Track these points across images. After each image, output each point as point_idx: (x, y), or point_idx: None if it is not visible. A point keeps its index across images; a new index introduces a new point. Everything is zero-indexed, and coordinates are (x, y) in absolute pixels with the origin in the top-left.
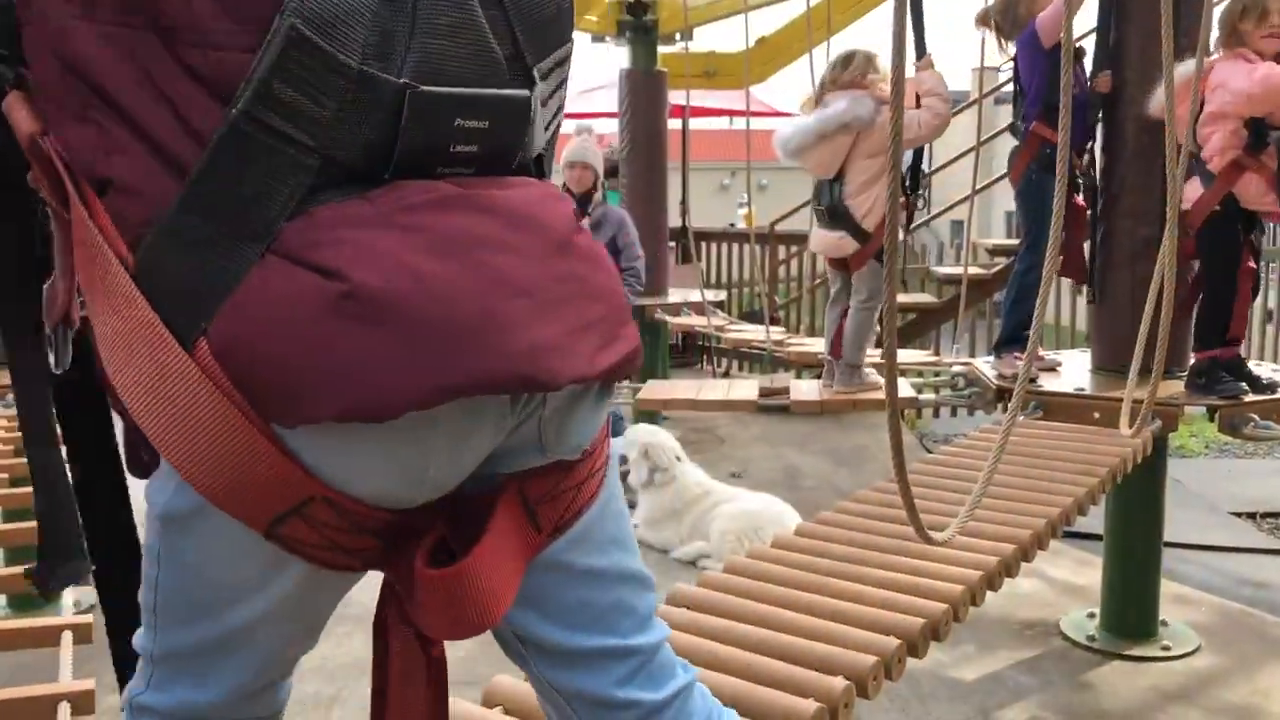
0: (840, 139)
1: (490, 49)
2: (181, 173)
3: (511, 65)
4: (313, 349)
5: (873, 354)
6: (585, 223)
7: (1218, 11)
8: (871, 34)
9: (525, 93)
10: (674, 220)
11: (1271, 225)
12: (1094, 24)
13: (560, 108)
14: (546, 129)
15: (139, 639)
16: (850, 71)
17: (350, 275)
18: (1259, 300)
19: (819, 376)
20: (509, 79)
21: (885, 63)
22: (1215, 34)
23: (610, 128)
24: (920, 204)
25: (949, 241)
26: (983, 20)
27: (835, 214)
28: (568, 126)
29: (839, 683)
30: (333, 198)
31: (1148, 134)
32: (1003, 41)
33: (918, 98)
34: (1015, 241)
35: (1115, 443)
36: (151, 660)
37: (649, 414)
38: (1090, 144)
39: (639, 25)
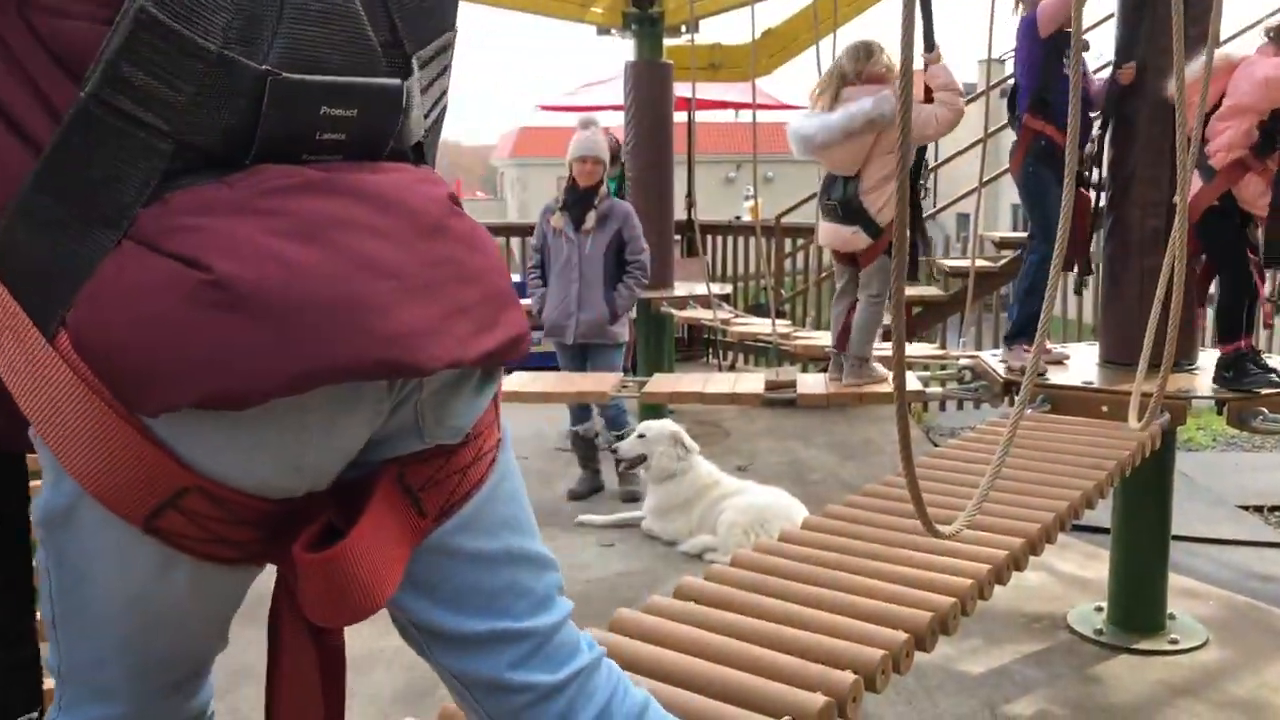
0: (865, 136)
1: (365, 36)
2: (39, 152)
3: (388, 53)
4: (173, 337)
5: (880, 347)
6: (592, 216)
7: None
8: (878, 26)
9: (398, 81)
10: (679, 213)
11: None
12: (1097, 17)
13: (443, 95)
14: (426, 116)
15: (49, 658)
16: (873, 64)
17: (211, 263)
18: (1268, 292)
19: (825, 370)
20: (384, 67)
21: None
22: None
23: (616, 120)
24: (924, 194)
25: (955, 234)
26: None
27: (850, 209)
28: (572, 120)
29: (847, 676)
30: (190, 183)
31: (1158, 125)
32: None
33: (927, 92)
34: (1022, 234)
35: (1123, 436)
36: (60, 679)
37: (655, 408)
38: (1093, 137)
39: (645, 17)
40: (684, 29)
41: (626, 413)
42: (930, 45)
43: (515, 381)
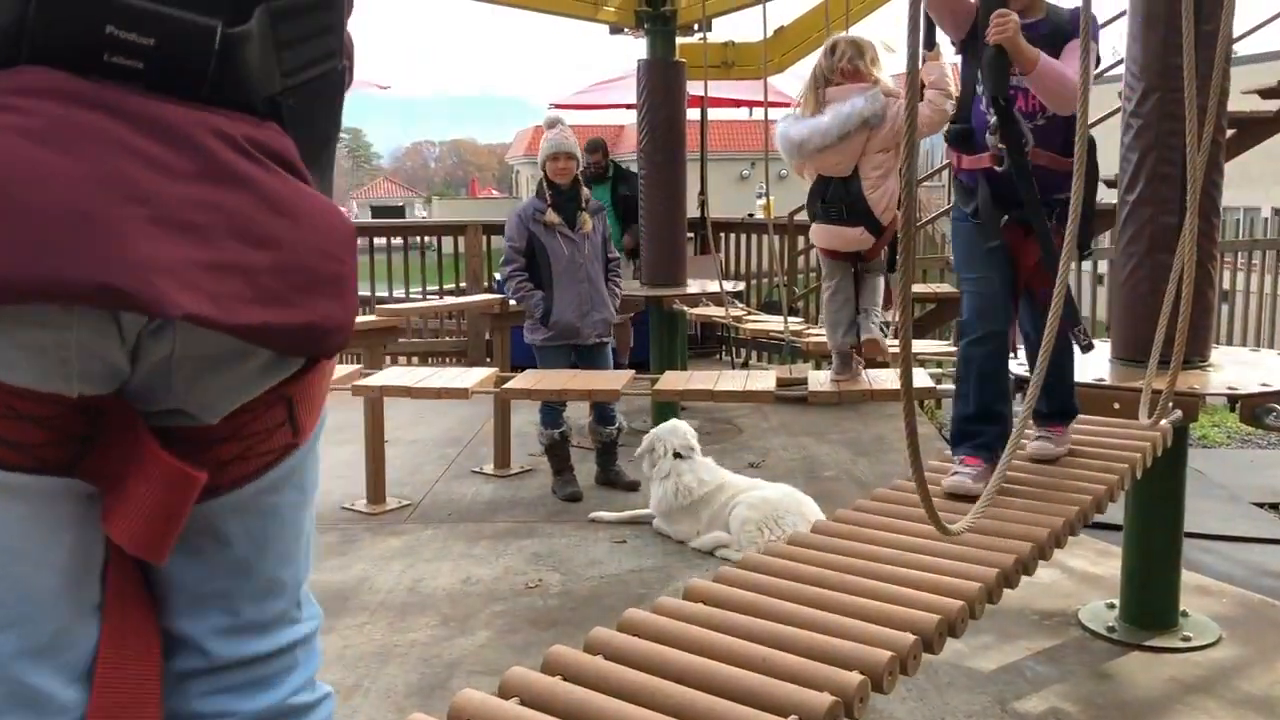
0: (858, 137)
1: None
2: None
3: None
4: None
5: (891, 344)
6: (585, 216)
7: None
8: (889, 24)
9: (215, 23)
10: (692, 211)
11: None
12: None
13: (328, 57)
14: (288, 75)
15: None
16: (841, 60)
17: None
18: (1269, 286)
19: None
20: (210, 6)
21: (880, 52)
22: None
23: (629, 119)
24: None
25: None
26: None
27: (855, 210)
28: (586, 118)
29: (854, 677)
30: None
31: (1169, 122)
32: None
33: (922, 89)
34: None
35: (1136, 435)
36: None
37: (668, 406)
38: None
39: (657, 16)
40: (696, 27)
41: (612, 408)
42: (930, 43)
43: (527, 380)
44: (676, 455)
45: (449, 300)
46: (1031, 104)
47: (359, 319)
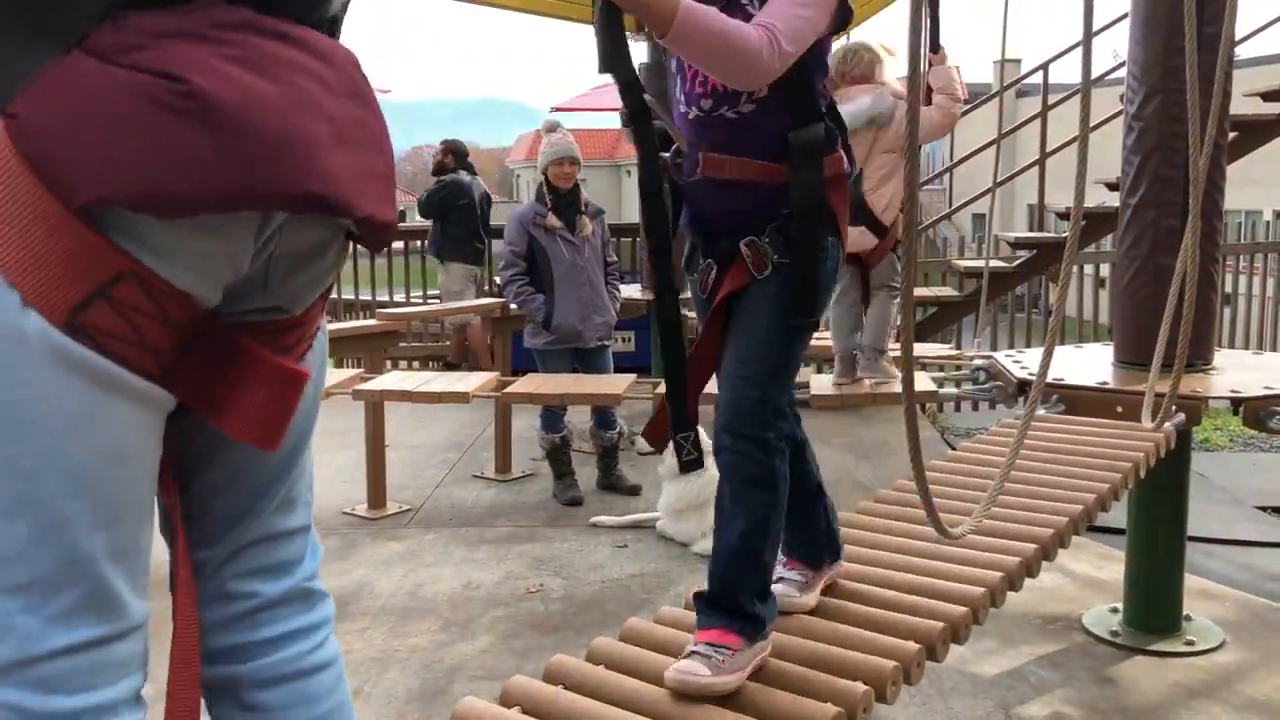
0: (864, 136)
1: None
2: None
3: None
4: (131, 137)
5: (892, 348)
6: (586, 219)
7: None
8: (888, 28)
9: None
10: None
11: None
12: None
13: None
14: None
15: None
16: (860, 66)
17: (185, 75)
18: (1271, 290)
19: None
20: None
21: (884, 55)
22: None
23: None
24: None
25: (970, 234)
26: None
27: (856, 210)
28: (586, 121)
29: (857, 687)
30: (144, 9)
31: (1172, 124)
32: None
33: (929, 92)
34: (1038, 235)
35: (1138, 437)
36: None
37: None
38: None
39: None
40: None
41: (613, 410)
42: (935, 46)
43: (528, 384)
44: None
45: (450, 305)
46: (712, 84)
47: (359, 324)
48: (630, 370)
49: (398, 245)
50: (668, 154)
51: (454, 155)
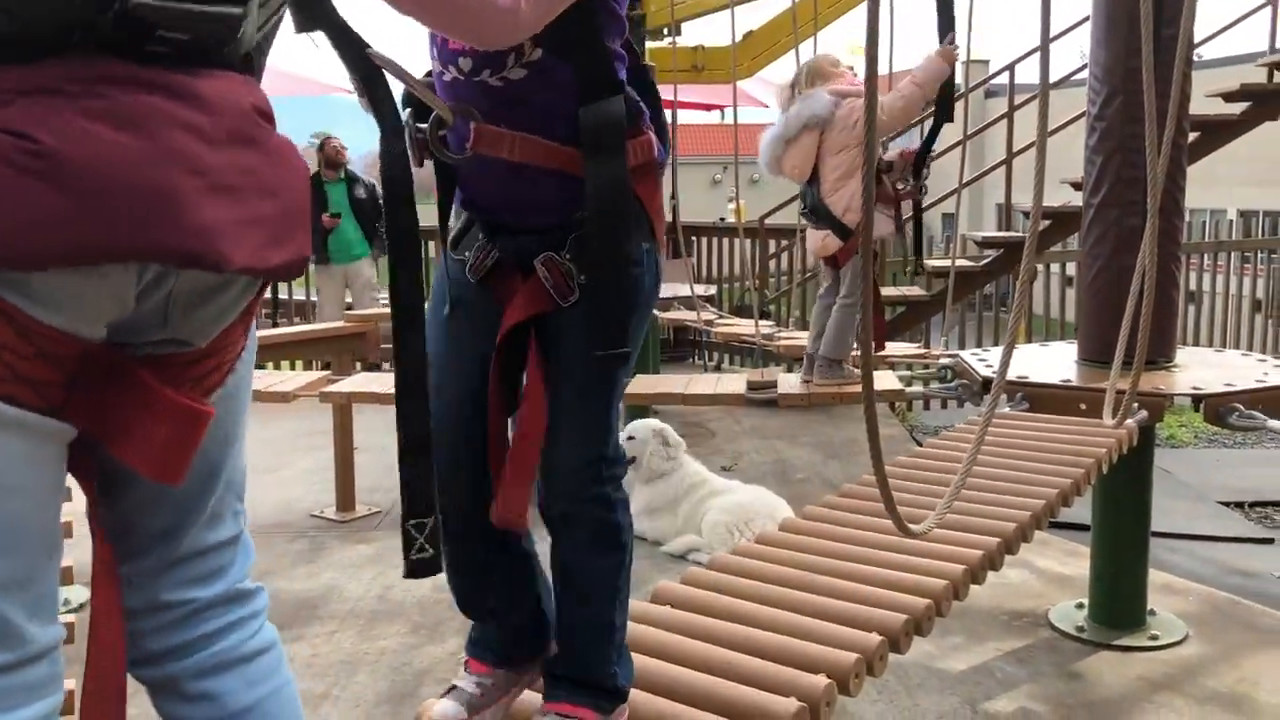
0: (805, 140)
1: None
2: None
3: None
4: None
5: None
6: None
7: None
8: (859, 27)
9: (239, 11)
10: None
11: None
12: None
13: (281, 5)
14: (260, 29)
15: None
16: (807, 74)
17: (34, 134)
18: (1248, 289)
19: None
20: None
21: (849, 58)
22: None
23: None
24: (921, 191)
25: (940, 234)
26: None
27: (818, 213)
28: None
29: (820, 680)
30: (7, 62)
31: (1134, 125)
32: None
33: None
34: (1005, 234)
35: (1100, 434)
36: None
37: (641, 409)
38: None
39: (628, 19)
40: (665, 32)
41: None
42: (944, 33)
43: None
44: (668, 444)
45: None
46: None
47: (327, 326)
48: None
49: None
50: (424, 125)
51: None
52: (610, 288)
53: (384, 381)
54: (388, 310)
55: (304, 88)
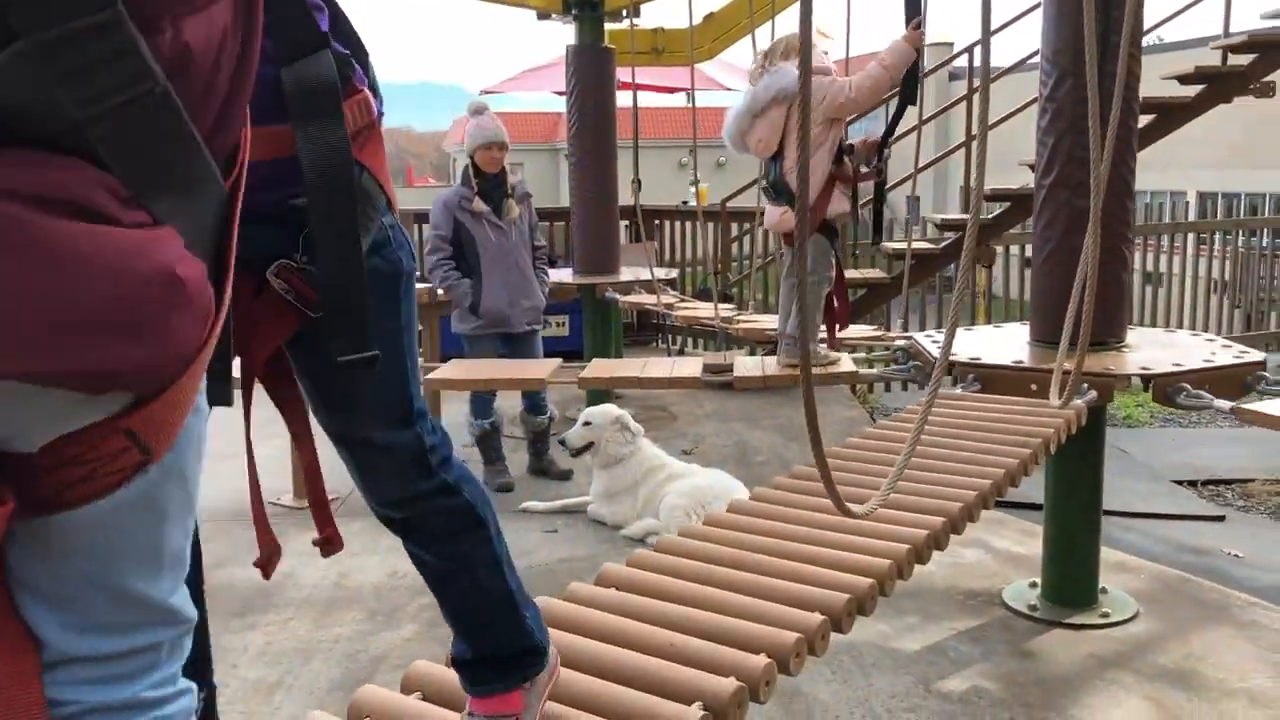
0: (773, 114)
1: None
2: None
3: None
4: None
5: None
6: (513, 203)
7: None
8: (819, 9)
9: None
10: (625, 198)
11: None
12: None
13: (132, 80)
14: (82, 106)
15: None
16: (781, 50)
17: None
18: (1203, 271)
19: (770, 352)
20: None
21: (819, 39)
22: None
23: (560, 106)
24: (880, 174)
25: (903, 216)
26: None
27: (778, 189)
28: (519, 104)
29: (760, 660)
30: None
31: (1084, 106)
32: None
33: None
34: (965, 216)
35: (1049, 414)
36: None
37: (602, 393)
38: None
39: (584, 2)
40: (625, 14)
41: (544, 395)
42: (912, 15)
43: (452, 370)
44: (626, 430)
45: None
46: None
47: None
48: (565, 355)
49: None
50: None
51: None
52: (348, 281)
53: None
54: None
55: None
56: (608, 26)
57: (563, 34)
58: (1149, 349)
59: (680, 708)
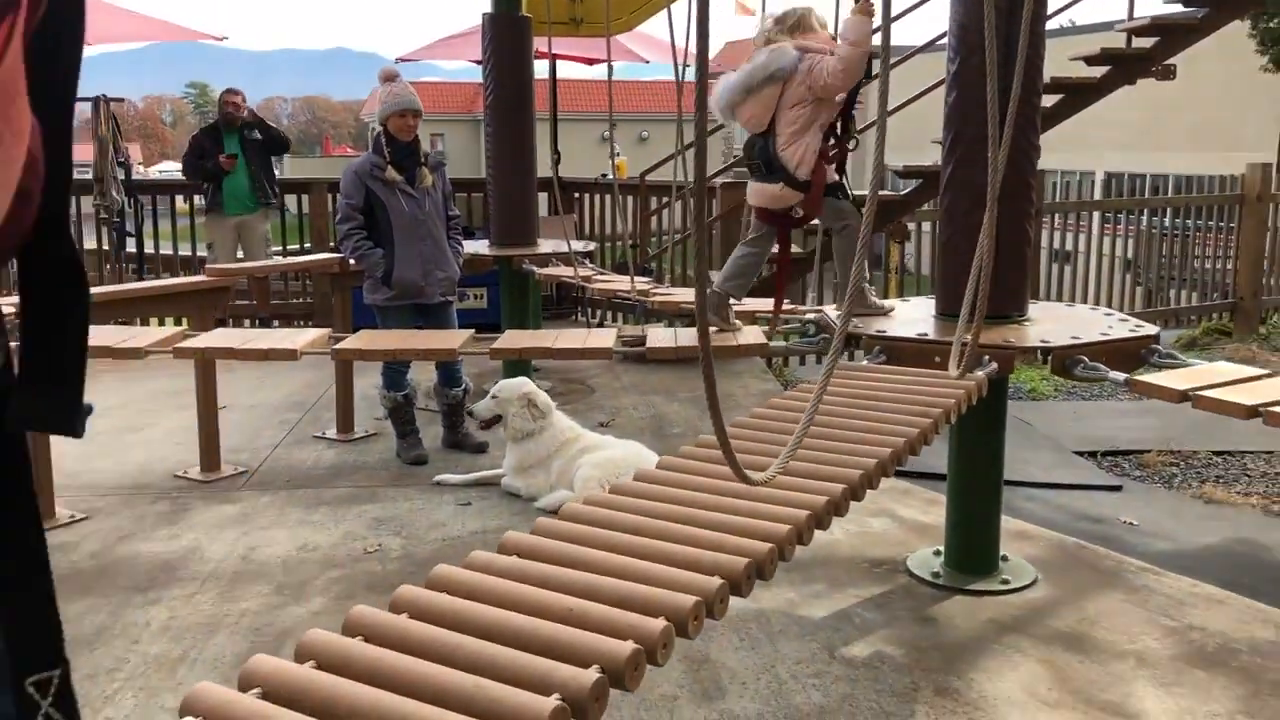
0: (767, 91)
1: None
2: None
3: None
4: None
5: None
6: (426, 172)
7: None
8: None
9: None
10: (544, 170)
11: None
12: None
13: None
14: None
15: None
16: (789, 23)
17: None
18: (1110, 250)
19: (691, 325)
20: None
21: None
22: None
23: (477, 76)
24: (853, 145)
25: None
26: None
27: (771, 167)
28: (436, 73)
29: (658, 624)
30: None
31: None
32: None
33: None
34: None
35: (951, 386)
36: None
37: (520, 364)
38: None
39: None
40: None
41: (458, 366)
42: None
43: (361, 340)
44: (534, 406)
45: (281, 260)
46: None
47: (187, 280)
48: (483, 328)
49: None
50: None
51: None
52: None
53: (243, 337)
54: (246, 265)
55: (170, 33)
56: None
57: (481, 2)
58: (1049, 323)
59: (577, 670)
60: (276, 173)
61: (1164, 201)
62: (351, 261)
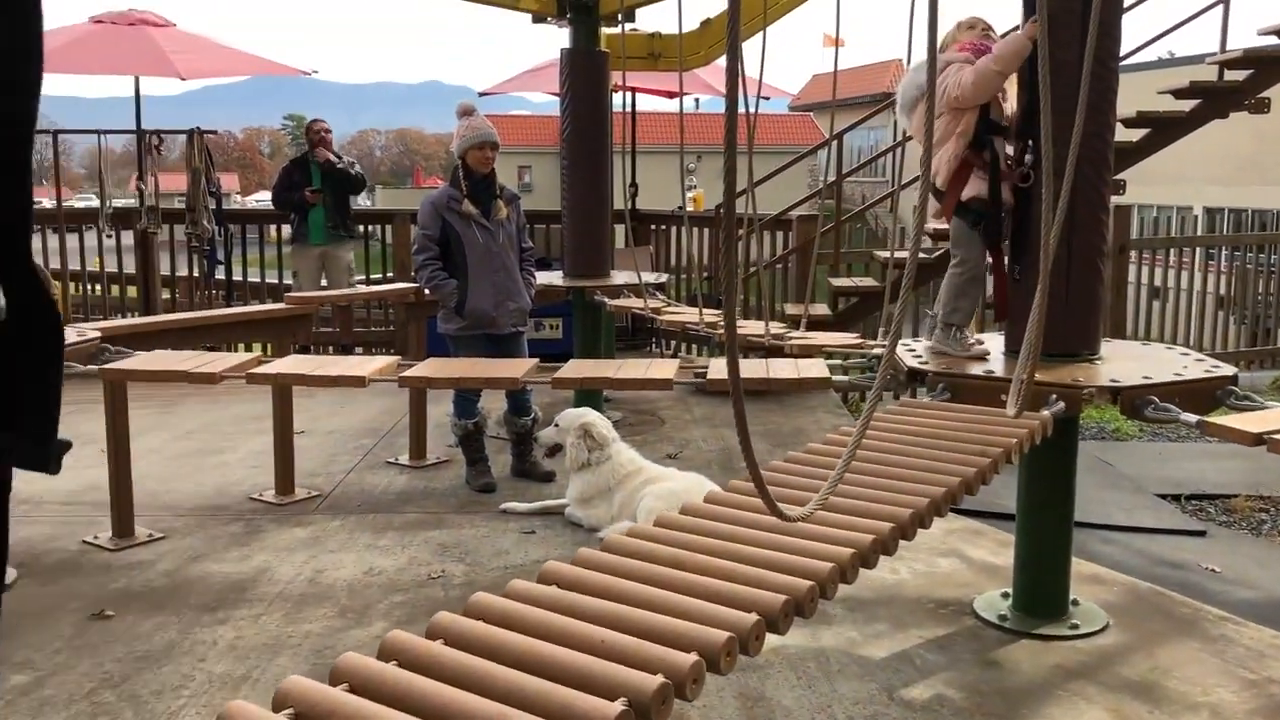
0: (920, 110)
1: None
2: None
3: None
4: None
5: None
6: (501, 204)
7: None
8: (817, 16)
9: None
10: (619, 202)
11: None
12: None
13: None
14: None
15: None
16: (959, 33)
17: None
18: (1211, 287)
19: (762, 357)
20: None
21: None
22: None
23: (555, 109)
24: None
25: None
26: None
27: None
28: (520, 106)
29: (688, 658)
30: None
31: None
32: None
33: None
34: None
35: (1013, 425)
36: None
37: (590, 395)
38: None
39: (579, 5)
40: (619, 18)
41: (528, 394)
42: (1030, 12)
43: (427, 368)
44: (590, 438)
45: (357, 290)
46: None
47: (268, 307)
48: (559, 358)
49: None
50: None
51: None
52: None
53: (314, 364)
54: (325, 294)
55: (262, 68)
56: (605, 31)
57: (564, 37)
58: (1122, 361)
59: (603, 703)
60: (367, 204)
61: (1257, 238)
62: (426, 291)
